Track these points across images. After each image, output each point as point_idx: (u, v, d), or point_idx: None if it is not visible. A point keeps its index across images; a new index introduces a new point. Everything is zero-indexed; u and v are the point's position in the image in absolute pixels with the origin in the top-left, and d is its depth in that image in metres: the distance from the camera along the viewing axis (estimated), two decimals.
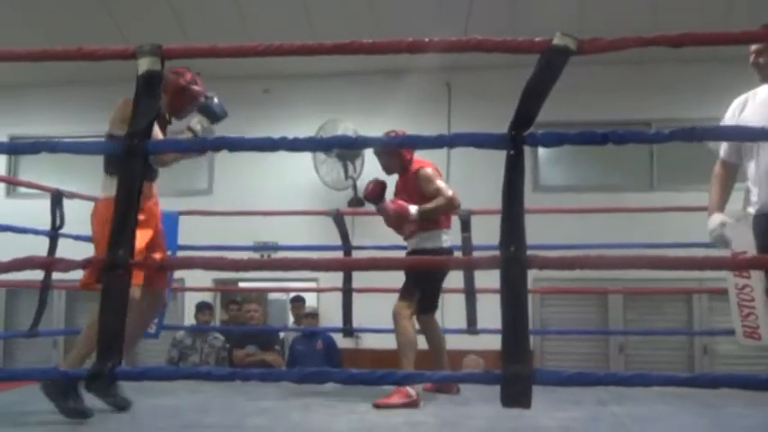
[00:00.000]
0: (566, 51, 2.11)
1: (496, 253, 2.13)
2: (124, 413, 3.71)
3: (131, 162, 2.32)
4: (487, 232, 3.12)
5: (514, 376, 2.02)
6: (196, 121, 4.08)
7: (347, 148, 8.20)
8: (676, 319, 8.60)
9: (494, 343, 2.22)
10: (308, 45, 2.38)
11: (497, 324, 2.13)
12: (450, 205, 4.59)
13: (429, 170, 4.68)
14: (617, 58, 4.49)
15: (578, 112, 8.35)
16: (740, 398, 4.31)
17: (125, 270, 2.28)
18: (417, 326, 4.66)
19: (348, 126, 8.30)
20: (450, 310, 6.52)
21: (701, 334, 8.42)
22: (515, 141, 2.16)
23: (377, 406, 4.09)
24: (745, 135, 2.30)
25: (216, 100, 4.15)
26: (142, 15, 8.34)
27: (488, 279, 3.14)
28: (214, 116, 4.12)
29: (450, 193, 4.56)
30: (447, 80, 8.79)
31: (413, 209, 4.52)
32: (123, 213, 2.32)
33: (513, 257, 2.08)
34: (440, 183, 4.63)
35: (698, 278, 6.58)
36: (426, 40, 2.28)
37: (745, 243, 5.09)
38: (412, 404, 4.11)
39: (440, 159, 8.82)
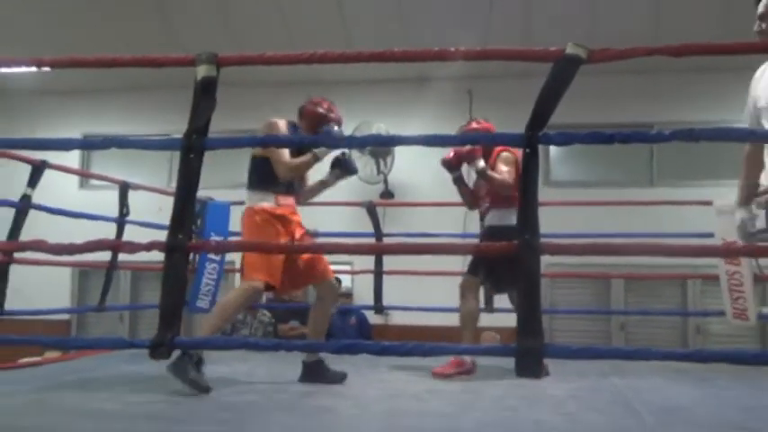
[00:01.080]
0: (577, 60, 2.10)
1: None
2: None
3: (190, 157, 2.33)
4: None
5: (528, 350, 2.01)
6: (321, 152, 3.95)
7: (379, 146, 8.18)
8: (672, 301, 8.53)
9: (508, 321, 2.21)
10: (349, 53, 2.39)
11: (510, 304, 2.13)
12: (502, 185, 4.31)
13: (509, 154, 4.37)
14: (624, 67, 4.43)
15: (588, 116, 8.25)
16: (729, 372, 4.25)
17: (183, 252, 2.30)
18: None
19: (381, 126, 8.27)
20: None
21: (694, 315, 8.35)
22: (531, 140, 2.15)
23: (435, 374, 4.07)
24: (740, 136, 2.26)
25: (335, 129, 4.05)
26: (197, 24, 8.38)
27: None
28: (347, 171, 4.18)
29: (509, 178, 4.29)
30: (469, 87, 8.73)
31: (480, 162, 4.27)
32: (183, 203, 2.34)
33: (528, 244, 2.07)
34: (510, 167, 4.33)
35: (692, 265, 6.49)
36: (452, 49, 2.27)
37: (734, 232, 5.03)
38: (466, 372, 4.09)
39: None
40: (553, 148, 8.89)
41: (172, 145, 2.35)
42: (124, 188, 5.04)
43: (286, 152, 3.91)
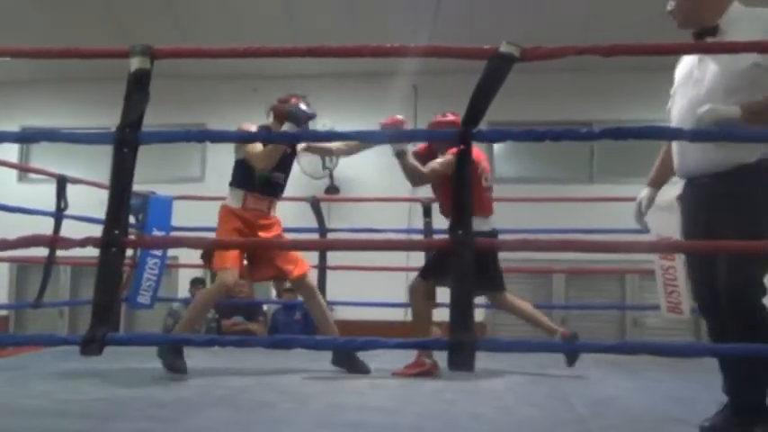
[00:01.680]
0: (510, 58, 2.12)
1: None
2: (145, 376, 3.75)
3: (123, 152, 2.29)
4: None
5: (460, 343, 2.03)
6: (286, 128, 4.10)
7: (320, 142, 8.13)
8: (611, 295, 8.73)
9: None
10: (284, 48, 2.37)
11: None
12: (412, 174, 4.01)
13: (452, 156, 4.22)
14: (567, 66, 4.49)
15: (530, 113, 8.43)
16: (662, 364, 4.37)
17: (118, 247, 2.26)
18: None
19: (326, 123, 8.24)
20: None
21: (631, 308, 8.56)
22: (465, 137, 2.16)
23: (394, 375, 4.03)
24: (667, 135, 2.31)
25: (301, 105, 4.13)
26: (143, 17, 8.25)
27: None
28: (296, 119, 4.09)
29: (437, 167, 4.02)
30: (414, 83, 8.76)
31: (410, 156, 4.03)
32: (117, 198, 2.30)
33: (462, 240, 2.08)
34: (440, 160, 4.04)
35: (630, 260, 6.60)
36: (388, 45, 2.27)
37: (670, 229, 5.15)
38: (425, 373, 4.00)
39: None
40: (497, 146, 8.99)
41: (104, 139, 2.30)
42: (62, 182, 4.93)
43: (258, 147, 4.12)
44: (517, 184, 8.54)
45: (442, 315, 5.29)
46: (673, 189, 5.91)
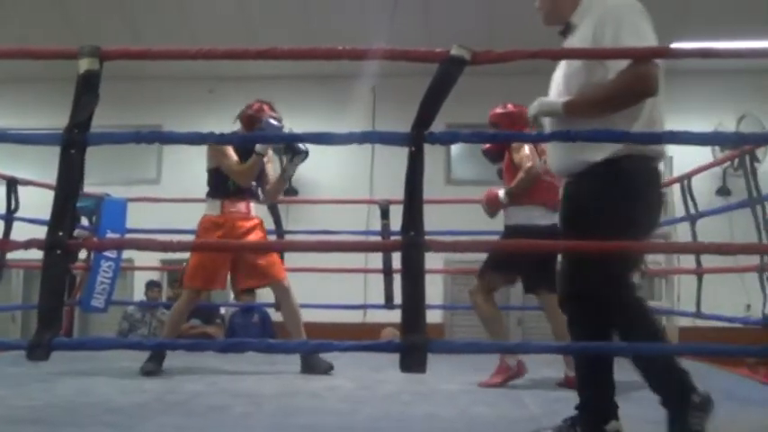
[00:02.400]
0: (461, 61, 2.13)
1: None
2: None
3: (71, 153, 2.25)
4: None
5: (412, 345, 2.03)
6: (260, 147, 4.19)
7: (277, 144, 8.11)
8: None
9: None
10: (236, 50, 2.34)
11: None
12: (529, 175, 3.94)
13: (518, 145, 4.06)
14: (529, 69, 4.51)
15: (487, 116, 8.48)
16: (618, 363, 4.43)
17: (64, 250, 2.22)
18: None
19: (286, 124, 8.20)
20: (372, 288, 6.56)
21: None
22: (417, 139, 2.16)
23: (481, 386, 3.85)
24: (614, 137, 2.33)
25: (272, 121, 4.21)
26: (98, 19, 8.13)
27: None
28: (296, 152, 4.31)
29: (528, 163, 3.94)
30: (373, 86, 8.77)
31: (501, 193, 4.08)
32: (63, 200, 2.26)
33: (413, 241, 2.09)
34: (525, 151, 3.94)
35: None
36: (340, 47, 2.27)
37: None
38: (513, 377, 3.89)
39: (365, 156, 8.88)
40: (454, 148, 9.03)
41: (52, 140, 2.26)
42: (12, 183, 4.83)
43: (233, 161, 4.22)
44: (474, 186, 8.57)
45: (399, 317, 5.36)
46: None
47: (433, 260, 4.63)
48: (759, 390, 3.90)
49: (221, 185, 4.28)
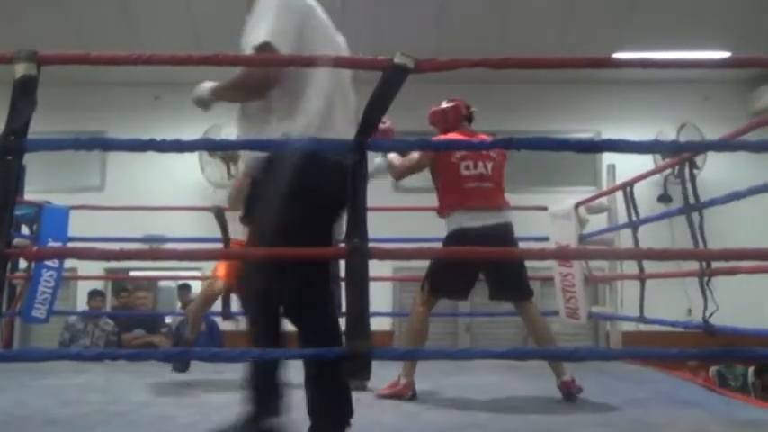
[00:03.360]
0: (405, 69, 2.14)
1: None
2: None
3: (7, 160, 2.20)
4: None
5: (355, 353, 2.03)
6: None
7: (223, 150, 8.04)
8: None
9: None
10: (179, 55, 2.31)
11: (374, 308, 2.14)
12: (396, 169, 3.84)
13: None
14: (481, 77, 4.55)
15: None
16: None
17: (1, 259, 2.16)
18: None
19: (231, 132, 8.15)
20: None
21: None
22: (360, 146, 2.17)
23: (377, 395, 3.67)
24: (556, 146, 2.37)
25: None
26: (41, 25, 7.96)
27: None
28: None
29: (407, 161, 3.79)
30: None
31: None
32: (0, 207, 2.21)
33: (356, 249, 2.09)
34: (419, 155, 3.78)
35: (533, 267, 6.79)
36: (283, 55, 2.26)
37: (566, 236, 5.33)
38: (398, 394, 3.61)
39: None
40: None
41: None
42: None
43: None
44: (422, 194, 8.59)
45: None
46: (570, 198, 6.12)
47: (381, 267, 4.65)
48: (699, 392, 4.00)
49: None
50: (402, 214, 6.39)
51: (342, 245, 2.28)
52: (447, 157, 3.71)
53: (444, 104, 4.09)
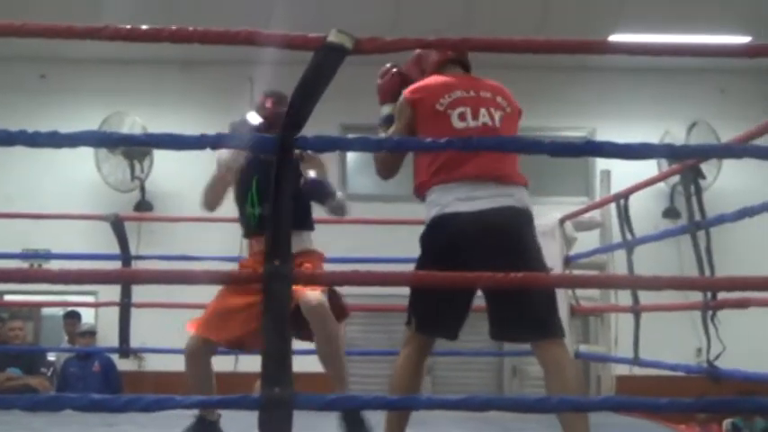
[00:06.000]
0: (341, 50, 2.13)
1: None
2: None
3: None
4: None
5: (274, 400, 2.03)
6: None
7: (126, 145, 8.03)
8: (488, 338, 8.84)
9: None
10: (77, 28, 2.23)
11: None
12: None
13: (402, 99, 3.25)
14: None
15: None
16: (538, 420, 4.51)
17: None
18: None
19: (136, 120, 8.13)
20: None
21: (509, 355, 8.65)
22: (284, 144, 2.16)
23: None
24: (519, 147, 2.41)
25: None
26: None
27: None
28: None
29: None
30: (249, 74, 8.76)
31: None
32: None
33: (277, 272, 2.08)
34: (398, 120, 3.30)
35: None
36: (191, 28, 2.25)
37: (549, 258, 5.38)
38: None
39: None
40: (350, 156, 9.08)
41: None
42: None
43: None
44: (372, 203, 8.60)
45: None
46: (555, 211, 6.20)
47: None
48: None
49: (242, 221, 3.98)
50: (346, 227, 6.37)
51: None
52: (429, 103, 3.04)
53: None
